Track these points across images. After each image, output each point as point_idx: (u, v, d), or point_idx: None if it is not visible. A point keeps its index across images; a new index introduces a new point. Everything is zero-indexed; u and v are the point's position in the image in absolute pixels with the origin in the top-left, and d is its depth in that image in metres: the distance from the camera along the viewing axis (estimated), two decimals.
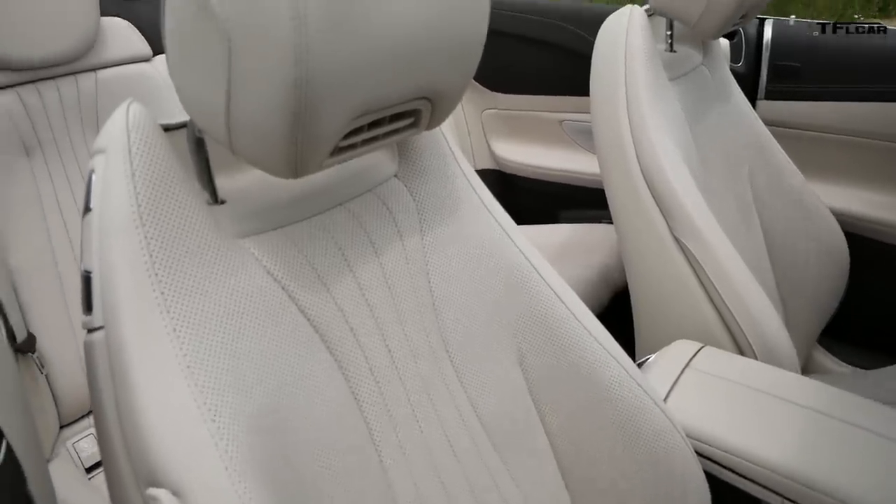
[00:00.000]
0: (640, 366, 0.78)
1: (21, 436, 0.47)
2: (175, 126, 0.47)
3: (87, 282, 0.42)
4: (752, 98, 1.29)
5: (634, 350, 1.02)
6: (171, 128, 0.47)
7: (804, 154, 1.24)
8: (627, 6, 0.96)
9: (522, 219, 1.34)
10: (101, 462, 0.50)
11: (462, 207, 0.59)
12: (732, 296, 0.85)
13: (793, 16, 1.30)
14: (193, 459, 0.36)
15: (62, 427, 1.05)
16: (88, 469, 1.01)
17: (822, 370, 1.21)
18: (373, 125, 0.45)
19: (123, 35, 1.20)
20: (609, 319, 0.68)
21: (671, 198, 0.87)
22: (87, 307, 0.42)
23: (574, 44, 1.43)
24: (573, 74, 1.43)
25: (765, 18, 1.30)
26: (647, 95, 0.90)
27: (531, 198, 1.65)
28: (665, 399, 0.70)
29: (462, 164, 0.61)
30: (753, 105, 1.23)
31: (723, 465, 0.65)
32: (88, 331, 0.42)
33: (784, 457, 0.62)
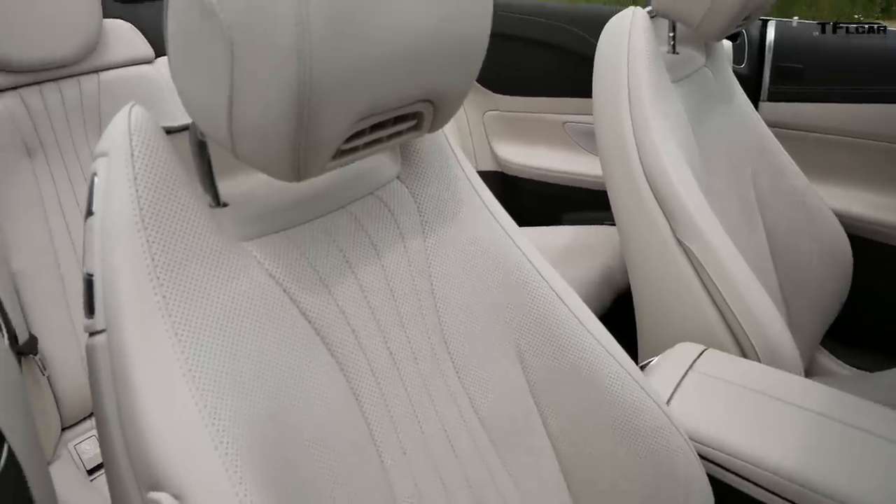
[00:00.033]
0: (643, 368, 0.78)
1: (23, 439, 0.47)
2: (177, 129, 0.47)
3: (90, 285, 0.42)
4: (755, 100, 1.29)
5: (637, 352, 1.01)
6: (174, 130, 0.47)
7: (807, 155, 1.24)
8: (630, 7, 0.96)
9: (524, 220, 1.34)
10: (103, 464, 0.50)
11: (464, 209, 0.59)
12: (735, 298, 0.85)
13: (796, 17, 1.30)
14: (194, 462, 0.36)
15: (64, 429, 1.05)
16: (90, 471, 1.01)
17: (825, 372, 1.20)
18: (375, 128, 0.45)
19: (126, 37, 1.20)
20: (611, 321, 0.68)
21: (674, 199, 0.87)
22: (90, 310, 0.42)
23: (576, 45, 1.43)
24: (575, 76, 1.43)
25: (767, 20, 1.30)
26: (650, 97, 0.90)
27: (533, 199, 1.65)
28: (668, 402, 0.70)
29: (464, 166, 0.61)
30: (756, 107, 1.23)
31: (726, 468, 0.64)
32: (90, 334, 0.42)
33: (787, 460, 0.61)
